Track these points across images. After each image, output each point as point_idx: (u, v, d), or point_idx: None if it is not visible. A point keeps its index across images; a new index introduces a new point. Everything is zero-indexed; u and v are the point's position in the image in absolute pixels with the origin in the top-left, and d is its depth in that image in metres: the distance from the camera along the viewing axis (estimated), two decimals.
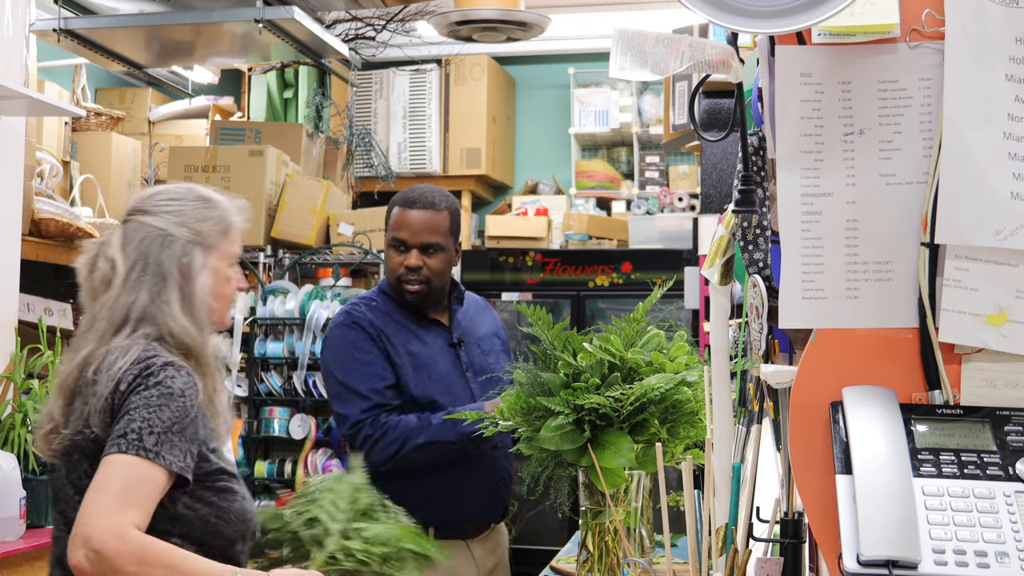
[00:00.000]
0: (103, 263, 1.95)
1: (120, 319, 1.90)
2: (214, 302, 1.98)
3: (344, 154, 5.51)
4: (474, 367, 2.80)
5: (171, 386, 1.82)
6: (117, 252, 1.94)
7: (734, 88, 1.52)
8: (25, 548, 2.82)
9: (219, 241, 1.98)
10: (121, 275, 1.92)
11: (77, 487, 1.82)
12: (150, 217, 1.96)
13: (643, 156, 6.74)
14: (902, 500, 1.21)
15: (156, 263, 1.92)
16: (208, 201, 2.00)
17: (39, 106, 3.58)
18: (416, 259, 2.75)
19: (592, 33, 6.54)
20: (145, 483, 1.75)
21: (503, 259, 6.14)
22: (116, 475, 1.73)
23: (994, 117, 1.33)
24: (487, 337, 2.90)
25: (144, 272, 1.92)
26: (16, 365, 3.23)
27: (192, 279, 1.94)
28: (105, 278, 1.94)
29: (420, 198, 2.78)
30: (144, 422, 1.77)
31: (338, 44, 4.48)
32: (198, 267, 1.94)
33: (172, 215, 1.96)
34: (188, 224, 1.95)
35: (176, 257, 1.93)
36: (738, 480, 1.65)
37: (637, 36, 1.51)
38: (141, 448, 1.75)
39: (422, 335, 2.80)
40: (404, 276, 2.76)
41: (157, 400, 1.80)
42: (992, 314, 1.34)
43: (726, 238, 1.77)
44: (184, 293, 1.92)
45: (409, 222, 2.76)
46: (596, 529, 2.16)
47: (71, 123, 4.71)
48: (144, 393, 1.80)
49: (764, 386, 1.71)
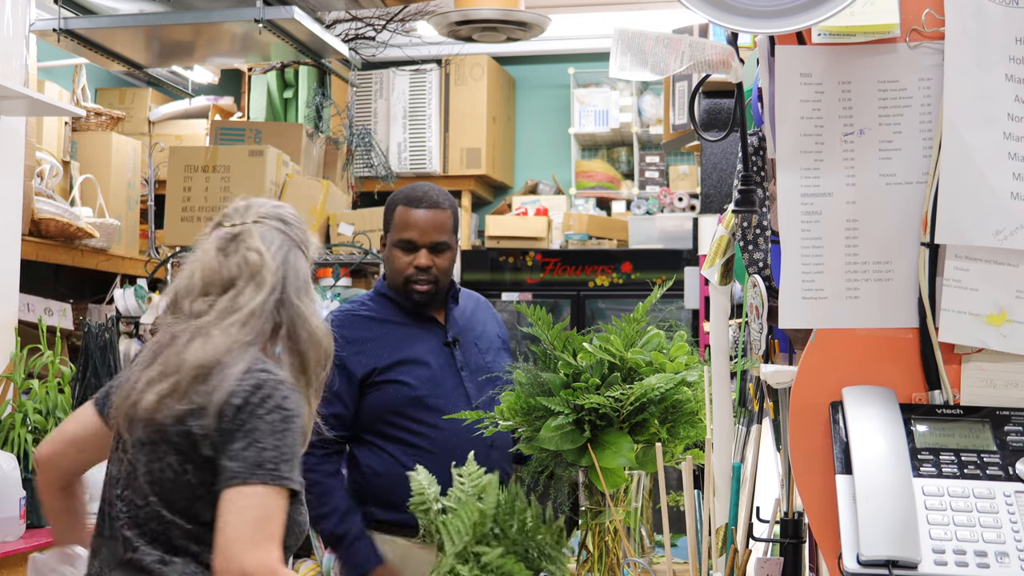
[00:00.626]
0: (247, 251, 1.93)
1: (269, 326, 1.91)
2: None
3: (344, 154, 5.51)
4: (470, 366, 2.78)
5: (290, 408, 1.86)
6: (260, 245, 1.93)
7: (734, 88, 1.52)
8: (25, 548, 2.82)
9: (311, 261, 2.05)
10: (270, 270, 1.92)
11: (155, 479, 1.86)
12: (287, 227, 1.99)
13: (643, 156, 6.74)
14: (902, 500, 1.21)
15: (295, 271, 1.95)
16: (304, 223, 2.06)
17: (39, 106, 3.58)
18: (426, 259, 2.72)
19: (592, 33, 6.54)
20: (282, 511, 1.82)
21: (503, 259, 6.14)
22: (260, 506, 1.79)
23: (994, 117, 1.33)
24: (485, 335, 2.88)
25: (285, 276, 1.94)
26: (16, 365, 3.23)
27: (312, 294, 2.00)
28: (252, 266, 1.92)
29: (424, 197, 2.76)
30: (275, 450, 1.82)
31: (338, 44, 4.48)
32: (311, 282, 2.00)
33: (301, 230, 2.01)
34: (307, 242, 2.01)
35: (305, 268, 1.98)
36: (738, 480, 1.65)
37: (637, 36, 1.51)
38: (279, 478, 1.81)
39: (416, 334, 2.78)
40: (414, 276, 2.73)
41: (281, 424, 1.83)
42: (992, 314, 1.34)
43: (726, 238, 1.77)
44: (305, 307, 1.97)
45: (416, 222, 2.73)
46: (596, 529, 2.16)
47: (71, 123, 4.72)
48: (267, 417, 1.83)
49: (764, 386, 1.71)
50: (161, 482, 1.86)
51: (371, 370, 2.71)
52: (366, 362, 2.70)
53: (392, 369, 2.71)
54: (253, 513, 1.79)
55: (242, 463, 1.80)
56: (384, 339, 2.75)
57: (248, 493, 1.79)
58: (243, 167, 4.47)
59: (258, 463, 1.80)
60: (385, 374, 2.71)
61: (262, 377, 1.85)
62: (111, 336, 3.60)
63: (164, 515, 1.86)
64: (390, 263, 2.80)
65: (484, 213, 6.81)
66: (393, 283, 2.79)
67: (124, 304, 4.25)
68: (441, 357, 2.76)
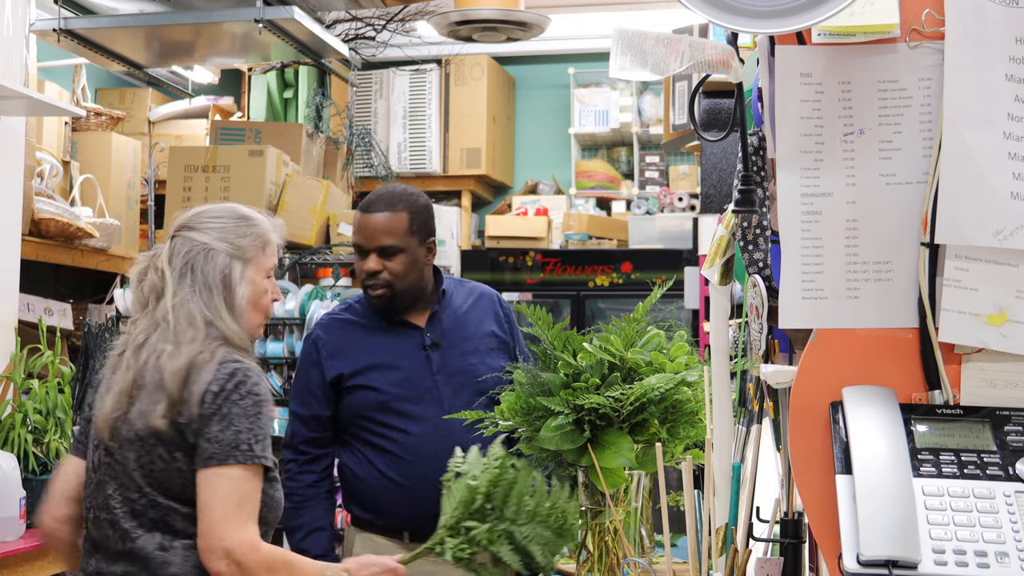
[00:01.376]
0: (152, 274, 2.14)
1: (186, 323, 2.08)
2: (251, 312, 2.16)
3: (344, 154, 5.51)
4: (447, 369, 2.75)
5: (259, 392, 2.04)
6: (165, 264, 2.13)
7: (734, 88, 1.52)
8: (25, 548, 2.82)
9: (256, 255, 2.17)
10: (171, 285, 2.11)
11: (147, 471, 2.01)
12: (195, 233, 2.15)
13: (643, 156, 6.74)
14: (902, 500, 1.21)
15: (202, 274, 2.11)
16: (248, 219, 2.20)
17: (39, 106, 3.58)
18: (374, 263, 2.72)
19: (592, 33, 6.54)
20: (258, 490, 2.01)
21: (503, 259, 6.14)
22: (237, 488, 1.98)
23: (994, 117, 1.33)
24: (476, 336, 2.83)
25: (193, 283, 2.11)
26: (16, 365, 3.23)
27: (233, 290, 2.13)
28: (155, 288, 2.13)
29: (377, 201, 2.76)
30: (249, 432, 2.00)
31: (338, 44, 4.48)
32: (237, 279, 2.13)
33: (215, 231, 2.15)
34: (229, 240, 2.15)
35: (218, 270, 2.12)
36: (738, 480, 1.65)
37: (637, 36, 1.51)
38: (253, 457, 1.99)
39: (392, 339, 2.78)
40: (367, 281, 2.75)
41: (253, 408, 2.02)
42: (992, 314, 1.34)
43: (726, 238, 1.77)
44: (228, 303, 2.12)
45: (363, 226, 2.74)
46: (596, 529, 2.16)
47: (71, 123, 4.71)
48: (240, 403, 2.01)
49: (764, 386, 1.71)
50: (153, 473, 2.01)
51: (339, 375, 2.74)
52: (336, 366, 2.75)
53: (361, 374, 2.74)
54: (232, 494, 1.97)
55: (219, 445, 1.98)
56: (357, 344, 2.77)
57: (225, 474, 1.97)
58: (243, 167, 4.47)
59: (234, 444, 1.98)
60: (354, 379, 2.74)
61: (235, 367, 2.03)
62: (111, 336, 3.60)
63: (160, 502, 2.01)
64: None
65: (484, 213, 6.81)
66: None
67: (124, 304, 4.25)
68: (416, 361, 2.76)
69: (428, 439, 2.68)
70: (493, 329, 2.88)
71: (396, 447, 2.69)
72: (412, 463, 2.66)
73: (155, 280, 2.13)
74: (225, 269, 2.13)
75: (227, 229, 2.16)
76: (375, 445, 2.71)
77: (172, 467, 2.01)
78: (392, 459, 2.68)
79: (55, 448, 3.04)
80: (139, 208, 5.07)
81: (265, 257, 2.19)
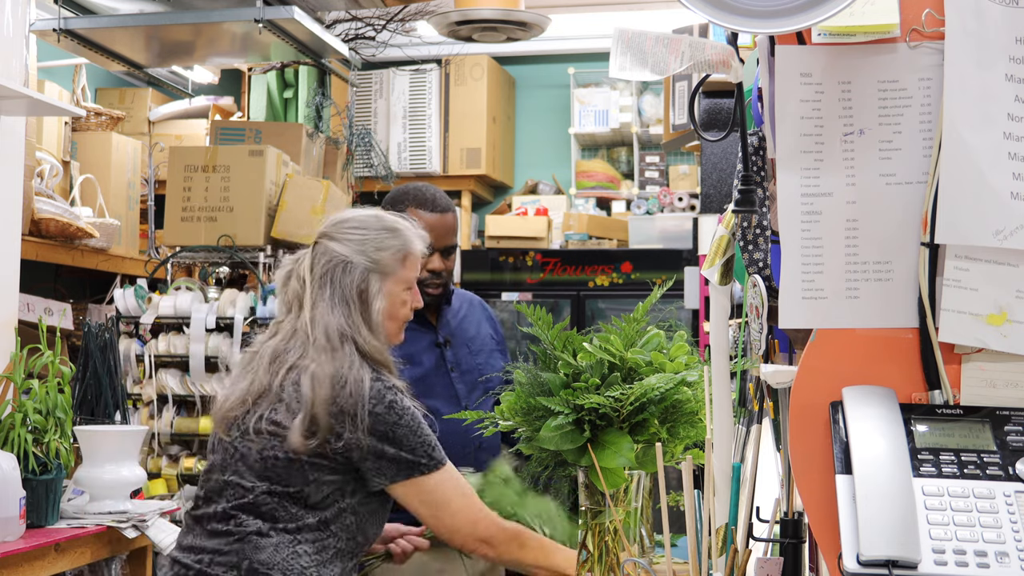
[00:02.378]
0: (295, 281, 2.19)
1: (324, 338, 2.12)
2: (388, 323, 2.21)
3: (344, 154, 5.50)
4: (460, 367, 2.78)
5: (407, 406, 2.14)
6: (307, 272, 2.18)
7: (734, 88, 1.52)
8: (25, 548, 2.82)
9: (397, 268, 2.20)
10: (309, 295, 2.15)
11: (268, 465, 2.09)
12: (335, 243, 2.18)
13: (643, 156, 6.74)
14: (902, 500, 1.21)
15: (340, 287, 2.15)
16: (392, 230, 2.22)
17: (39, 106, 3.57)
18: (440, 262, 2.72)
19: (592, 33, 6.54)
20: (455, 480, 2.18)
21: (503, 259, 6.14)
22: (448, 488, 2.16)
23: (994, 117, 1.33)
24: (479, 337, 2.87)
25: (332, 295, 2.15)
26: (16, 365, 3.23)
27: (370, 304, 2.17)
28: (297, 295, 2.18)
29: (436, 200, 2.75)
30: (420, 445, 2.13)
31: (338, 44, 4.48)
32: (374, 293, 2.17)
33: (355, 243, 2.18)
34: (368, 252, 2.17)
35: (355, 284, 2.16)
36: (738, 480, 1.64)
37: (637, 36, 1.51)
38: (437, 461, 2.16)
39: (409, 335, 2.76)
40: (427, 280, 2.71)
41: (410, 422, 2.12)
42: (992, 314, 1.34)
43: (726, 238, 1.77)
44: (365, 318, 2.16)
45: (434, 225, 2.71)
46: (596, 529, 2.16)
47: (71, 123, 4.71)
48: (401, 423, 2.11)
49: (764, 386, 1.71)
50: (275, 468, 2.08)
51: None
52: None
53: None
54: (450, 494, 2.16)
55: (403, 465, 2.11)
56: None
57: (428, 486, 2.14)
58: (243, 167, 4.46)
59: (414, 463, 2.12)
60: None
61: (381, 391, 2.11)
62: (111, 336, 3.60)
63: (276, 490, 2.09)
64: None
65: (484, 213, 6.81)
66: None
67: (124, 304, 4.25)
68: (432, 357, 2.77)
69: (447, 435, 2.68)
70: (490, 332, 2.92)
71: None
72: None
73: (297, 288, 2.18)
74: (362, 284, 2.16)
75: (367, 241, 2.18)
76: None
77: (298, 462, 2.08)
78: None
79: (55, 448, 3.04)
80: (139, 208, 5.07)
81: (405, 269, 2.21)
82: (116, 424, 3.46)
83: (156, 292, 4.30)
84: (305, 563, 2.06)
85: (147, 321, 4.14)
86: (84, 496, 3.21)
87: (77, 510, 3.17)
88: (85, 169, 4.70)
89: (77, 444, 3.21)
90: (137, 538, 3.18)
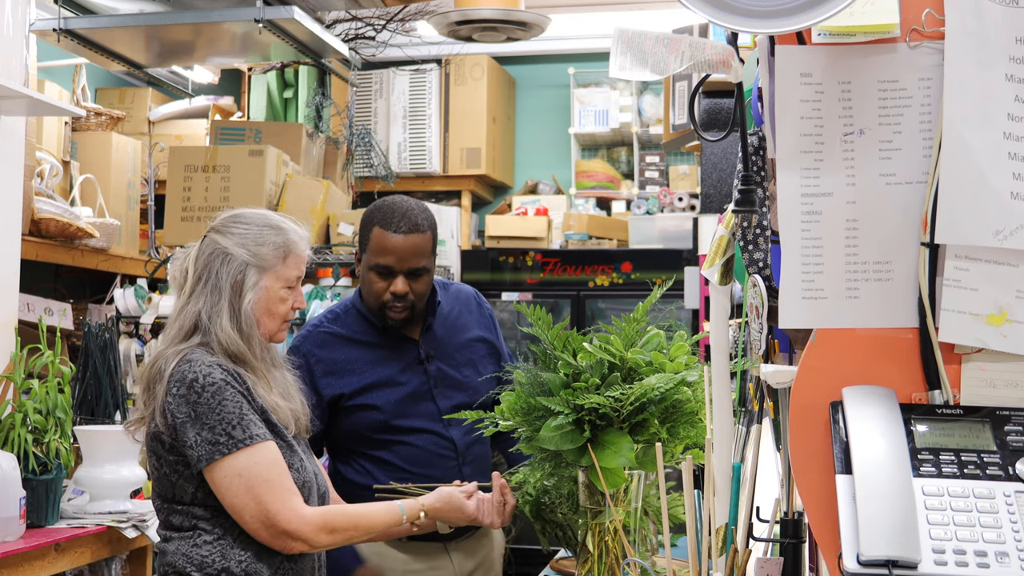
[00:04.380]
0: (179, 273, 2.27)
1: (189, 325, 2.19)
2: (264, 318, 2.23)
3: (344, 154, 5.51)
4: (445, 380, 2.71)
5: (214, 381, 2.10)
6: (191, 263, 2.25)
7: (734, 88, 1.52)
8: (25, 548, 2.82)
9: (276, 264, 2.23)
10: (189, 284, 2.22)
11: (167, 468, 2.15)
12: (220, 236, 2.24)
13: (643, 156, 6.74)
14: (902, 500, 1.21)
15: (216, 277, 2.20)
16: (276, 228, 2.26)
17: (39, 106, 3.58)
18: (403, 285, 2.60)
19: (592, 33, 6.54)
20: (268, 463, 2.10)
21: (503, 259, 6.14)
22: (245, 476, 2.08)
23: (994, 117, 1.33)
24: (467, 345, 2.78)
25: (206, 285, 2.20)
26: (16, 365, 3.23)
27: (242, 295, 2.20)
28: (179, 285, 2.26)
29: (403, 219, 2.60)
30: (219, 423, 2.08)
31: (338, 44, 4.48)
32: (249, 285, 2.21)
33: (237, 236, 2.23)
34: (248, 246, 2.22)
35: (231, 274, 2.20)
36: (738, 480, 1.64)
37: (637, 36, 1.51)
38: (237, 443, 2.08)
39: (388, 354, 2.69)
40: (389, 303, 2.62)
41: (213, 399, 2.08)
42: (992, 314, 1.34)
43: (726, 238, 1.77)
44: (232, 307, 2.19)
45: (394, 247, 2.58)
46: (596, 529, 2.16)
47: (71, 123, 4.71)
48: (201, 400, 2.08)
49: (764, 386, 1.71)
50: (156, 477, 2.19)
51: (338, 395, 2.65)
52: (335, 386, 2.65)
53: (362, 394, 2.65)
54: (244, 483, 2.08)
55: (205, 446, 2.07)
56: (356, 363, 2.67)
57: (225, 470, 2.08)
58: (243, 167, 4.47)
59: (213, 443, 2.07)
60: (355, 399, 2.65)
61: (183, 372, 2.11)
62: (111, 336, 3.60)
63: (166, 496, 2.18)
64: (365, 286, 2.68)
65: (484, 213, 6.80)
66: (368, 305, 2.69)
67: (124, 304, 4.25)
68: (414, 374, 2.69)
69: (426, 448, 2.66)
70: (480, 334, 2.83)
71: (394, 457, 2.65)
72: (412, 476, 2.60)
73: (180, 280, 2.25)
74: (239, 275, 2.20)
75: (249, 235, 2.23)
76: (373, 457, 2.66)
77: (161, 471, 2.16)
78: (390, 468, 2.64)
79: (55, 448, 3.04)
80: (139, 208, 5.07)
81: (285, 267, 2.24)
82: (116, 424, 3.46)
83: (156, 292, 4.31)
84: (206, 552, 2.12)
85: (147, 321, 4.14)
86: (84, 496, 3.21)
87: (77, 510, 3.17)
88: (85, 169, 4.70)
89: (77, 444, 3.21)
90: (137, 538, 3.18)
